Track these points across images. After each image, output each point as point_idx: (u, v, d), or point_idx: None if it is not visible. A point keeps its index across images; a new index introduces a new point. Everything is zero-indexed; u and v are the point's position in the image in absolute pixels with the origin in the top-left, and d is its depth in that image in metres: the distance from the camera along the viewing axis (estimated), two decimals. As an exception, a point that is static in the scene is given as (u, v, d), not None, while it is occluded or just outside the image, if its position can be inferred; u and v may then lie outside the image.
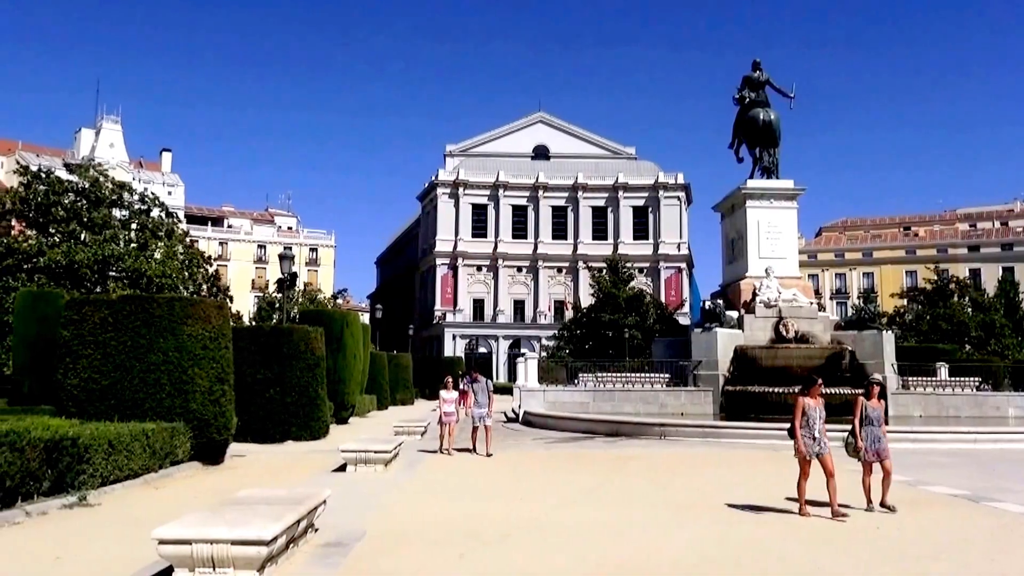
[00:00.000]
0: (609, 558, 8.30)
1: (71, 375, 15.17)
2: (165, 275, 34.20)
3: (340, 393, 28.92)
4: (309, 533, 8.82)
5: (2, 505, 9.67)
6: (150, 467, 13.68)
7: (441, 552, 8.46)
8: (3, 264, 32.66)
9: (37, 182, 36.29)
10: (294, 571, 7.44)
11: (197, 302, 16.56)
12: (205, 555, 6.75)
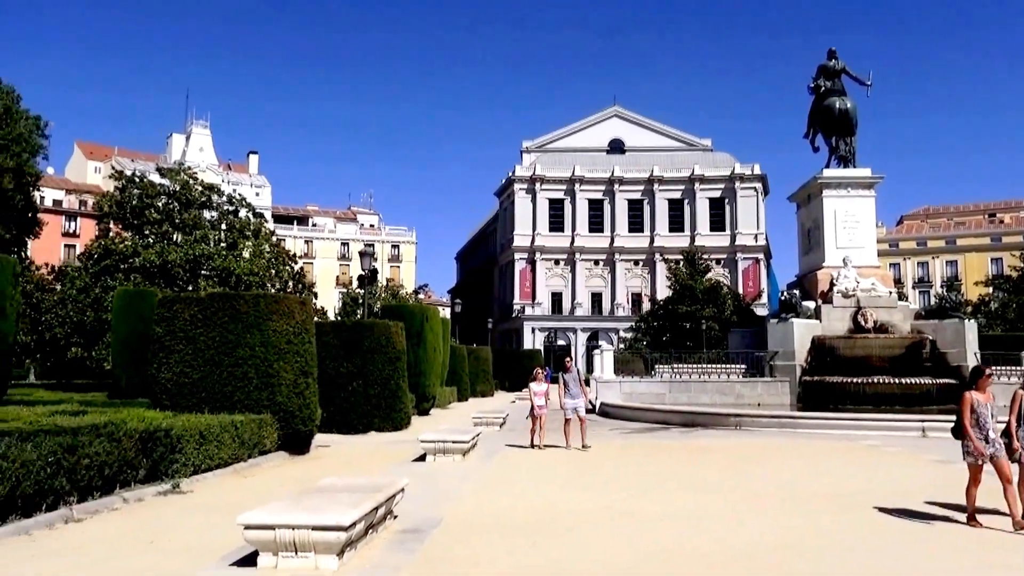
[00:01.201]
0: (684, 546, 8.20)
1: (164, 369, 15.75)
2: (253, 273, 35.17)
3: (421, 385, 29.32)
4: (388, 520, 8.98)
5: (102, 492, 10.10)
6: (239, 456, 14.10)
7: (515, 540, 8.50)
8: (102, 264, 34.14)
9: (132, 186, 37.79)
10: (372, 556, 7.57)
11: (281, 298, 16.96)
12: (287, 540, 6.94)
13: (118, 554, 7.63)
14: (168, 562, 7.35)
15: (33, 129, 53.31)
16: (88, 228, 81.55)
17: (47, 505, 9.00)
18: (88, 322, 32.32)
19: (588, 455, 16.96)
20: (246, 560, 7.20)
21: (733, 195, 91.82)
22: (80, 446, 9.59)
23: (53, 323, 32.75)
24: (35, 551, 7.72)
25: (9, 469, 8.26)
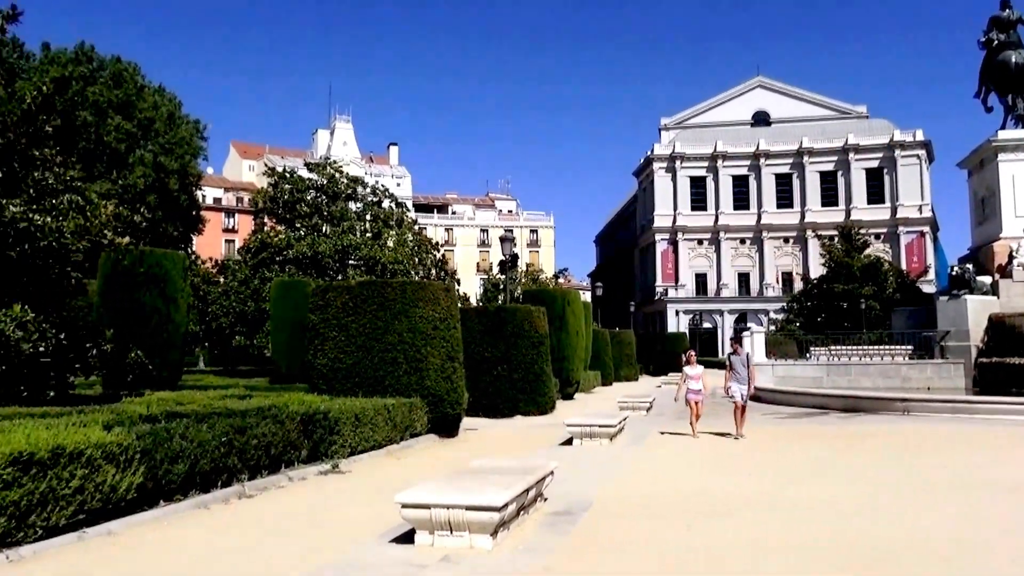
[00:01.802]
0: (846, 536, 7.93)
1: (319, 356, 16.62)
2: (398, 261, 36.47)
3: (564, 370, 29.54)
4: (538, 502, 9.15)
5: (269, 471, 10.82)
6: (392, 439, 14.72)
7: (668, 523, 8.49)
8: (259, 257, 36.32)
9: (283, 182, 39.94)
10: (525, 537, 7.74)
11: (426, 285, 17.53)
12: (443, 519, 7.21)
13: (287, 528, 8.18)
14: (332, 536, 7.80)
15: (194, 132, 57.16)
16: (245, 223, 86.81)
17: (222, 482, 9.74)
18: (249, 312, 34.53)
19: (742, 441, 16.61)
20: (404, 537, 7.53)
21: (893, 164, 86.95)
22: (249, 427, 10.31)
23: (218, 313, 35.20)
24: (215, 523, 8.38)
25: (188, 448, 8.99)
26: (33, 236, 11.80)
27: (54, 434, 7.45)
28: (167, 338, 19.96)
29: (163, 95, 56.57)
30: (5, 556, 6.55)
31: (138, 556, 6.97)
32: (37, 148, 13.78)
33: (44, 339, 11.74)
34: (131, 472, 8.06)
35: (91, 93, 51.10)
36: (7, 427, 7.75)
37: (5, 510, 6.60)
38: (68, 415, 9.60)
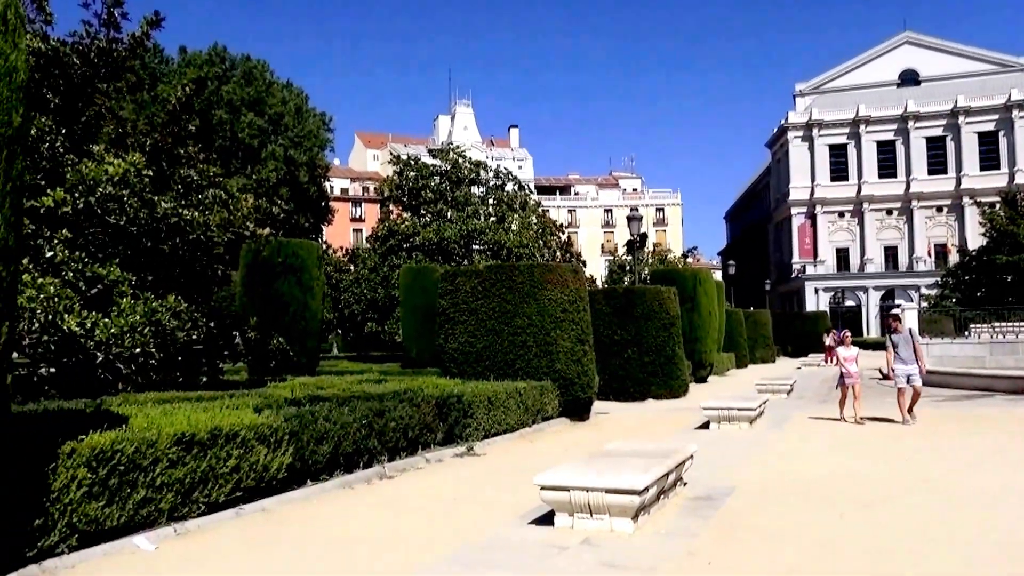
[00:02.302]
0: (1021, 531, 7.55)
1: (450, 340, 17.12)
2: (522, 245, 36.91)
3: (696, 351, 29.23)
4: (678, 486, 9.14)
5: (407, 452, 11.30)
6: (524, 422, 15.03)
7: (818, 510, 8.31)
8: (387, 245, 37.54)
9: (408, 169, 41.06)
10: (665, 521, 7.78)
11: (554, 267, 17.74)
12: (582, 502, 7.35)
13: (428, 508, 8.55)
14: (472, 517, 8.11)
15: (320, 125, 59.50)
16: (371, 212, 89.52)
17: (363, 463, 10.25)
18: (380, 299, 35.79)
19: (898, 426, 15.85)
20: (543, 519, 7.72)
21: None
22: (387, 410, 10.79)
23: (350, 301, 36.64)
24: (359, 502, 8.86)
25: (332, 430, 9.52)
26: (183, 230, 12.70)
27: (211, 416, 8.07)
28: (305, 326, 21.03)
29: (291, 90, 59.12)
30: (173, 529, 7.17)
31: (291, 531, 7.47)
32: (182, 147, 14.79)
33: (196, 328, 12.62)
34: (281, 452, 8.62)
35: (225, 92, 53.96)
36: (169, 410, 8.44)
37: (172, 487, 7.21)
38: (220, 399, 10.34)
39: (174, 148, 14.37)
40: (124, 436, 6.79)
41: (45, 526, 6.10)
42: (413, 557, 6.65)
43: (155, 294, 12.41)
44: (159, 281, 13.19)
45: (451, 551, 6.79)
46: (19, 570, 5.84)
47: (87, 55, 13.23)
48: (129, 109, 15.29)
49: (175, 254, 13.06)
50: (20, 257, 5.72)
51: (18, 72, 5.39)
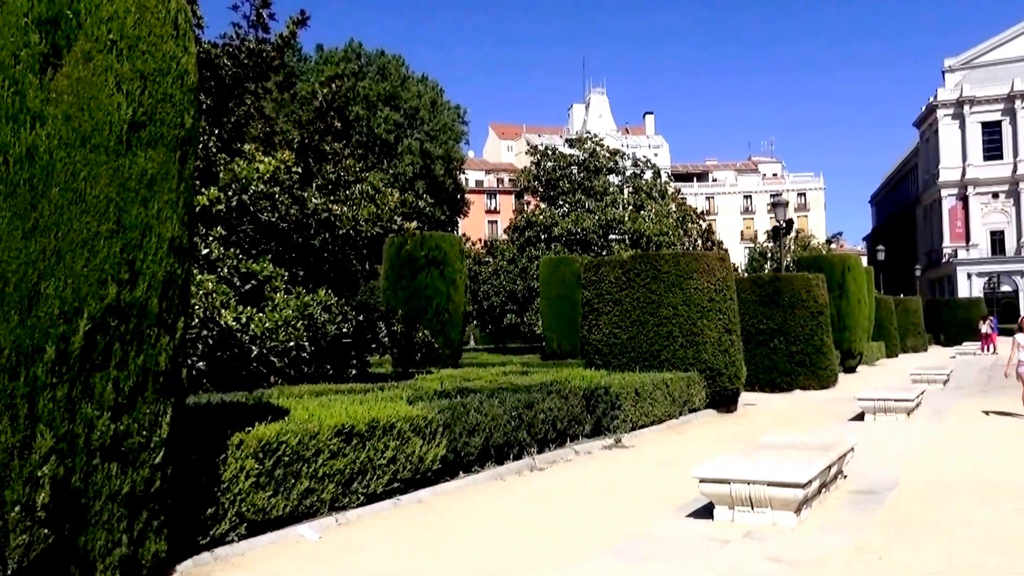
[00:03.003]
0: None
1: (594, 331, 16.89)
2: (662, 233, 36.20)
3: (845, 341, 28.06)
4: (839, 480, 8.74)
5: (555, 445, 11.17)
6: (671, 414, 14.66)
7: (991, 506, 7.70)
8: (525, 236, 37.59)
9: (545, 160, 40.97)
10: (828, 515, 7.41)
11: (700, 256, 17.26)
12: (743, 495, 7.06)
13: (582, 500, 8.37)
14: (627, 510, 7.87)
15: (455, 118, 60.40)
16: (506, 204, 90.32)
17: (513, 455, 10.18)
18: (519, 290, 35.90)
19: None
20: (701, 512, 7.46)
21: None
22: (535, 402, 10.67)
23: (489, 292, 36.94)
24: (512, 494, 8.77)
25: (483, 422, 9.48)
26: (332, 225, 12.99)
27: (368, 408, 8.14)
28: (448, 318, 21.28)
29: (425, 84, 60.22)
30: (334, 519, 7.26)
31: (448, 522, 7.44)
32: (327, 143, 15.15)
33: (345, 321, 12.90)
34: (435, 444, 8.62)
35: (361, 88, 55.51)
36: (326, 403, 8.58)
37: (333, 477, 7.30)
38: (372, 391, 10.48)
39: (320, 145, 14.73)
40: (288, 428, 6.91)
41: (216, 515, 6.26)
42: (573, 549, 6.48)
43: (306, 288, 12.74)
44: (309, 276, 13.55)
45: (612, 543, 6.60)
46: (193, 557, 6.01)
47: (237, 56, 13.70)
48: (271, 108, 15.79)
49: (325, 249, 13.38)
50: (192, 255, 5.87)
51: (189, 75, 5.52)
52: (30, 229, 4.77)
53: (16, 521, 4.77)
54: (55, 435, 4.84)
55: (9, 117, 4.74)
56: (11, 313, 4.71)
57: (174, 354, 5.45)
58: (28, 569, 4.90)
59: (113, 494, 5.11)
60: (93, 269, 4.93)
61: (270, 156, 12.89)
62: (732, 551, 6.29)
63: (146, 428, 5.26)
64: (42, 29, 4.86)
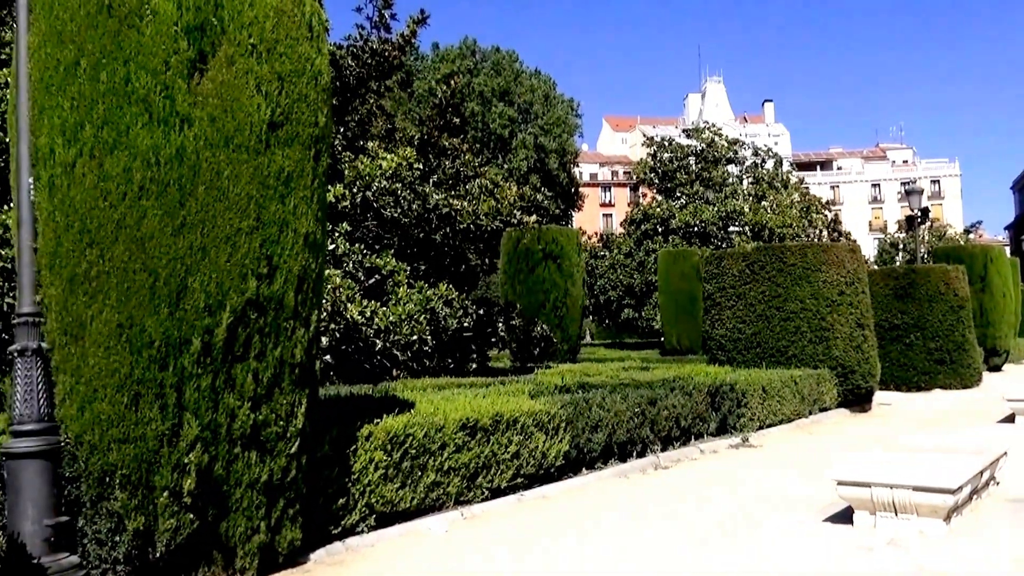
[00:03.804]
0: None
1: (716, 326, 16.57)
2: (785, 225, 35.24)
3: (989, 337, 26.60)
4: (991, 486, 8.27)
5: (679, 443, 11.02)
6: (800, 412, 14.24)
7: None
8: (642, 229, 37.26)
9: (661, 151, 40.50)
10: (981, 523, 7.01)
11: (829, 247, 16.68)
12: (885, 500, 6.77)
13: (710, 500, 8.21)
14: (758, 511, 7.68)
15: (568, 111, 60.45)
16: (621, 196, 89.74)
17: (636, 452, 10.11)
18: (636, 284, 35.64)
19: None
20: (838, 517, 7.22)
21: None
22: (659, 399, 10.56)
23: (606, 287, 36.81)
24: (636, 491, 8.70)
25: (605, 418, 9.45)
26: (453, 220, 13.22)
27: (491, 402, 8.24)
28: (566, 312, 21.34)
29: (539, 78, 60.50)
30: (460, 513, 7.39)
31: (573, 518, 7.44)
32: (446, 139, 15.42)
33: (466, 315, 13.10)
34: (558, 440, 8.65)
35: (476, 84, 56.24)
36: (449, 396, 8.73)
37: (458, 471, 7.43)
38: (492, 385, 10.60)
39: (439, 141, 15.00)
40: (414, 421, 7.07)
41: (347, 505, 6.47)
42: (704, 550, 6.37)
43: (427, 283, 12.99)
44: (431, 270, 13.83)
45: (745, 544, 6.46)
46: (326, 546, 6.23)
47: (360, 57, 14.09)
48: (390, 105, 16.18)
49: (445, 243, 13.63)
50: (326, 250, 6.08)
51: (322, 75, 5.72)
52: (179, 226, 5.05)
53: (164, 506, 5.06)
54: (200, 424, 5.12)
55: (160, 120, 5.04)
56: (161, 307, 5.01)
57: (308, 346, 5.66)
58: (175, 552, 5.20)
59: (252, 482, 5.35)
60: (235, 264, 5.17)
61: (392, 153, 13.20)
62: (878, 560, 6.05)
63: (283, 418, 5.49)
64: (190, 36, 5.14)
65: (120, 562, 5.04)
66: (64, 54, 5.07)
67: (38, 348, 4.95)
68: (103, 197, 4.98)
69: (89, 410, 5.00)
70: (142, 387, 5.00)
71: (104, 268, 4.98)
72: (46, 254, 5.07)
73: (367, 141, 14.21)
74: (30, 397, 4.87)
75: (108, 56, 5.03)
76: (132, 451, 5.00)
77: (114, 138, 4.99)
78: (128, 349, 4.98)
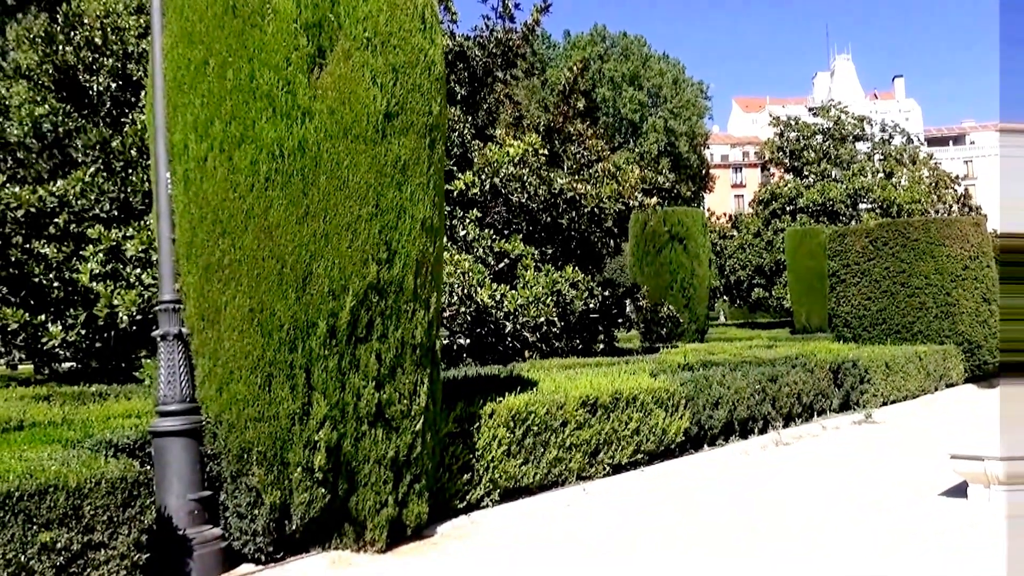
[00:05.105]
0: None
1: (842, 303, 15.62)
2: (914, 201, 32.97)
3: None
4: None
5: (801, 419, 10.38)
6: (925, 388, 13.29)
7: None
8: (770, 208, 35.68)
9: (788, 130, 38.61)
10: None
11: (952, 221, 15.44)
12: (999, 474, 6.25)
13: (830, 478, 7.61)
14: (871, 488, 7.08)
15: (698, 94, 58.69)
16: (752, 177, 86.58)
17: (757, 429, 9.56)
18: (765, 264, 34.22)
19: None
20: (953, 491, 6.66)
21: None
22: (779, 375, 9.96)
23: (736, 267, 35.50)
24: (755, 469, 8.17)
25: (726, 395, 8.96)
26: (578, 204, 12.88)
27: (611, 381, 7.92)
28: (693, 293, 20.62)
29: (667, 62, 58.97)
30: (582, 488, 7.12)
31: (694, 494, 7.05)
32: (571, 125, 15.05)
33: (592, 296, 12.76)
34: (678, 416, 8.25)
35: (607, 70, 55.37)
36: (572, 376, 8.46)
37: (579, 447, 7.16)
38: (617, 365, 10.25)
39: (564, 127, 14.65)
40: (536, 399, 6.84)
41: (471, 481, 6.31)
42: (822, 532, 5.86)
43: (554, 266, 12.72)
44: (557, 253, 13.54)
45: (864, 521, 5.92)
46: (452, 520, 6.10)
47: (486, 46, 13.89)
48: (522, 95, 15.93)
49: (571, 227, 13.31)
50: (443, 235, 5.90)
51: (436, 65, 5.53)
52: (302, 215, 4.98)
53: (298, 481, 5.03)
54: (328, 403, 5.05)
55: (283, 114, 4.97)
56: (288, 292, 4.96)
57: (428, 328, 5.50)
58: (309, 525, 5.17)
59: (379, 458, 5.25)
60: (356, 250, 5.06)
61: (519, 140, 12.97)
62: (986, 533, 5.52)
63: (406, 397, 5.36)
64: (308, 32, 5.04)
65: (259, 534, 5.06)
66: (194, 54, 5.07)
67: (179, 333, 5.00)
68: (233, 189, 4.96)
69: (227, 391, 5.02)
70: (274, 368, 4.98)
71: (236, 256, 4.97)
72: (183, 244, 5.12)
73: (495, 129, 14.04)
74: (173, 379, 4.93)
75: (234, 55, 5.00)
76: (267, 429, 4.99)
77: (241, 132, 4.96)
78: (260, 332, 4.96)
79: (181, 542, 4.75)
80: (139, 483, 4.29)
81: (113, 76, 10.39)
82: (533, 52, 33.04)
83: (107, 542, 4.11)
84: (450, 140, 12.50)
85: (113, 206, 9.53)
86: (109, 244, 9.04)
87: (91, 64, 10.30)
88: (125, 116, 10.43)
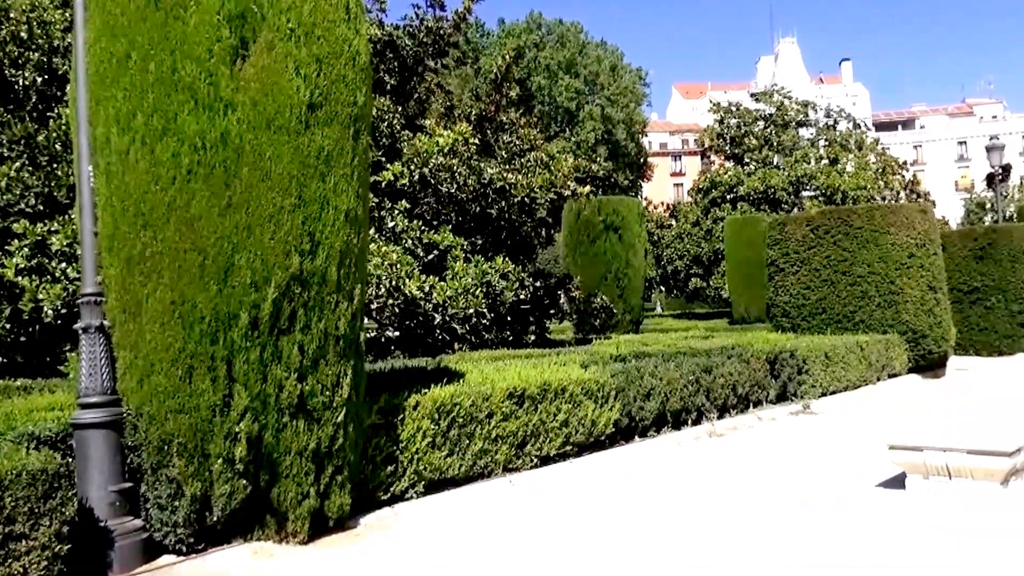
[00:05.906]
0: None
1: (780, 292, 16.46)
2: (859, 187, 34.43)
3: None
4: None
5: (737, 411, 11.08)
6: (867, 379, 14.12)
7: None
8: (709, 197, 36.85)
9: (728, 116, 39.85)
10: (1041, 489, 6.94)
11: (898, 208, 16.41)
12: (938, 464, 6.75)
13: (763, 468, 8.28)
14: (807, 478, 7.73)
15: (636, 81, 59.91)
16: (692, 165, 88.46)
17: (691, 420, 10.21)
18: (703, 254, 35.38)
19: None
20: (891, 483, 7.22)
21: None
22: (714, 366, 10.63)
23: (673, 257, 36.60)
24: (688, 459, 8.81)
25: (658, 386, 9.57)
26: (508, 193, 13.39)
27: (540, 372, 8.45)
28: (628, 283, 21.39)
29: (605, 49, 60.07)
30: (508, 480, 7.62)
31: (624, 485, 7.62)
32: (503, 114, 15.56)
33: (523, 287, 13.29)
34: (608, 408, 8.82)
35: (543, 58, 56.15)
36: (501, 367, 8.95)
37: (506, 439, 7.66)
38: (548, 356, 10.79)
39: (496, 116, 15.15)
40: (461, 390, 7.31)
41: (395, 472, 6.75)
42: (752, 517, 6.47)
43: (484, 257, 13.21)
44: (487, 244, 14.03)
45: (795, 509, 6.55)
46: (375, 511, 6.53)
47: (416, 36, 14.32)
48: (455, 83, 16.38)
49: (501, 217, 13.81)
50: (368, 226, 6.32)
51: (361, 55, 5.95)
52: (225, 207, 5.36)
53: (219, 472, 5.42)
54: (250, 394, 5.44)
55: (205, 106, 5.34)
56: (210, 284, 5.33)
57: (352, 319, 5.92)
58: (231, 516, 5.56)
59: (301, 449, 5.66)
60: (279, 241, 5.46)
61: (449, 130, 13.41)
62: (924, 524, 6.08)
63: (329, 388, 5.77)
64: (231, 24, 5.42)
65: (180, 525, 5.42)
66: (117, 47, 5.41)
67: (100, 325, 5.34)
68: (155, 181, 5.31)
69: (147, 383, 5.37)
70: (195, 360, 5.34)
71: (157, 249, 5.32)
72: (105, 237, 5.45)
73: (426, 119, 14.45)
74: (94, 371, 5.27)
75: (156, 47, 5.35)
76: (187, 421, 5.35)
77: (163, 125, 5.31)
78: (181, 324, 5.32)
79: (102, 533, 5.09)
80: (60, 475, 4.63)
81: (39, 70, 10.73)
82: (466, 41, 33.50)
83: (28, 533, 4.44)
84: (379, 130, 12.88)
85: (38, 201, 9.89)
86: (34, 239, 9.44)
87: (17, 59, 10.62)
88: (51, 110, 10.76)
